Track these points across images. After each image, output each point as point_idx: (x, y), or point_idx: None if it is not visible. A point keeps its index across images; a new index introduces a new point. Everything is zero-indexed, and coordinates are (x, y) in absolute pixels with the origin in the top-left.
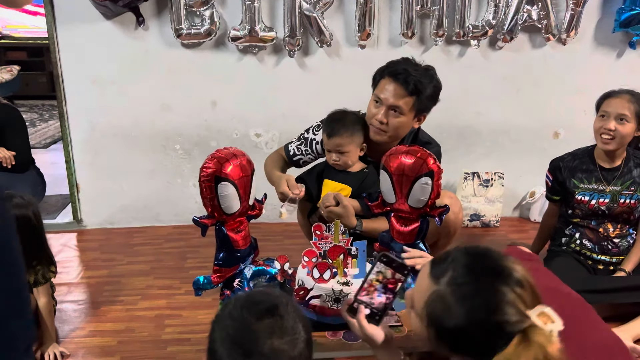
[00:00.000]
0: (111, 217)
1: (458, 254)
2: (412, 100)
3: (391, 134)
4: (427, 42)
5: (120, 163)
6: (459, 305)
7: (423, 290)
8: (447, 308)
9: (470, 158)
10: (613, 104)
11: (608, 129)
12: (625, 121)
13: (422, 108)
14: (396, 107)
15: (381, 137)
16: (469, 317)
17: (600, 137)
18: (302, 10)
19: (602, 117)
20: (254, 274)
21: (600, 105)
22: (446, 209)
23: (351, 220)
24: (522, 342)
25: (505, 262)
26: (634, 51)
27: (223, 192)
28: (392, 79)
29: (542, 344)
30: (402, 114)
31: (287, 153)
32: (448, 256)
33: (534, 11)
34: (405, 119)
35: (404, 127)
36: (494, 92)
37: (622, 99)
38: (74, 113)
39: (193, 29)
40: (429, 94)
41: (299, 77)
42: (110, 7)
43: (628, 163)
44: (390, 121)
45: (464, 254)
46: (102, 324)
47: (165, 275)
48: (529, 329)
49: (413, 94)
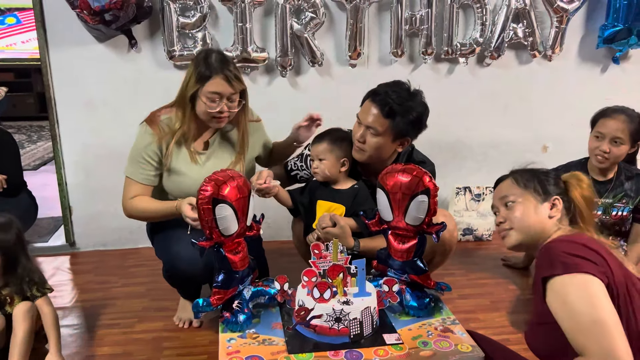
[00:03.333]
0: (104, 238)
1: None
2: (388, 122)
3: (370, 153)
4: (416, 60)
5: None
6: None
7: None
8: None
9: (462, 173)
10: (608, 125)
11: (603, 150)
12: (620, 143)
13: (401, 131)
14: (372, 128)
15: (361, 155)
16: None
17: (595, 156)
18: (293, 31)
19: (596, 137)
20: (253, 295)
21: (596, 124)
22: (443, 226)
23: (349, 241)
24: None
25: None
26: (617, 66)
27: (221, 214)
28: (371, 99)
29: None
30: (378, 135)
31: (286, 168)
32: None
33: (520, 29)
34: (382, 140)
35: (382, 147)
36: (483, 108)
37: (617, 120)
38: (67, 135)
39: (186, 51)
40: (409, 118)
41: (291, 97)
42: (103, 30)
43: (620, 176)
44: (368, 140)
45: None
46: (99, 348)
47: (161, 296)
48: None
49: (388, 117)
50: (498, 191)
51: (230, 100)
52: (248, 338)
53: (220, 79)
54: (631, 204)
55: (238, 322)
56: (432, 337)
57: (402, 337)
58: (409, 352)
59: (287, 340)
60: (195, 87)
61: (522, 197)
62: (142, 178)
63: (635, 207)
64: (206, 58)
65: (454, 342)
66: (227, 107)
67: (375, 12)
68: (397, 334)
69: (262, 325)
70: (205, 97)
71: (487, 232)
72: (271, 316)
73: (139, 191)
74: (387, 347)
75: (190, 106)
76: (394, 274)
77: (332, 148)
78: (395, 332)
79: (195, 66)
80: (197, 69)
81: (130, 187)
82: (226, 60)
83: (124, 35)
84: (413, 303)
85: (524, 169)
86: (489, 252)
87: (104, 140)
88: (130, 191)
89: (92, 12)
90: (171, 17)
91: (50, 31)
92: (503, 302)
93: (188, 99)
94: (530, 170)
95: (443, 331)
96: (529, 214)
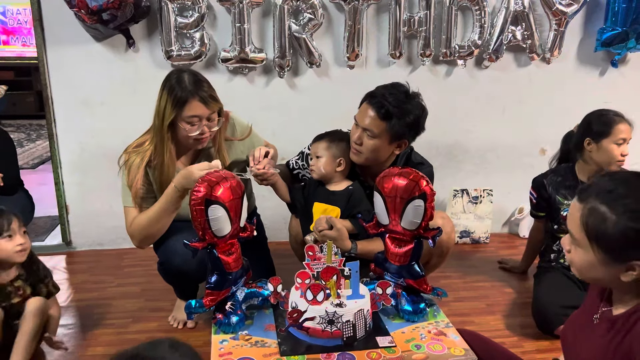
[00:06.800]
0: (100, 238)
1: (596, 179)
2: (384, 124)
3: (367, 155)
4: (414, 62)
5: (110, 184)
6: (613, 209)
7: (575, 216)
8: (603, 217)
9: (459, 175)
10: (623, 129)
11: (625, 155)
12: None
13: (398, 133)
14: (368, 130)
15: (358, 157)
16: (625, 216)
17: (617, 163)
18: (291, 32)
19: (619, 145)
20: (247, 297)
21: (610, 133)
22: (439, 231)
23: (346, 244)
24: None
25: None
26: (615, 69)
27: (214, 214)
28: (368, 102)
29: None
30: (375, 137)
31: (288, 167)
32: (589, 185)
33: (519, 31)
34: (379, 142)
35: (379, 150)
36: (480, 110)
37: (625, 122)
38: (64, 134)
39: (183, 51)
40: (406, 121)
41: (289, 98)
42: (101, 30)
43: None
44: (365, 142)
45: (602, 176)
46: (93, 348)
47: (156, 297)
48: None
49: (385, 119)
50: (626, 129)
51: (210, 120)
52: (240, 340)
53: (197, 102)
54: None
55: (231, 323)
56: (426, 340)
57: (395, 340)
58: (402, 355)
59: (279, 342)
60: (172, 114)
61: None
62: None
63: None
64: (179, 82)
65: (447, 345)
66: (207, 127)
67: (373, 13)
68: (390, 337)
69: (254, 327)
70: (185, 122)
71: (484, 235)
72: (264, 318)
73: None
74: (380, 350)
75: (169, 134)
76: (390, 278)
77: (330, 146)
78: (388, 334)
79: (169, 92)
80: (172, 94)
81: (129, 214)
82: (199, 80)
83: (121, 34)
84: (408, 307)
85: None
86: (485, 255)
87: (101, 140)
88: (130, 217)
89: (90, 12)
90: (169, 16)
91: (48, 30)
92: (499, 305)
93: (167, 128)
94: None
95: (436, 334)
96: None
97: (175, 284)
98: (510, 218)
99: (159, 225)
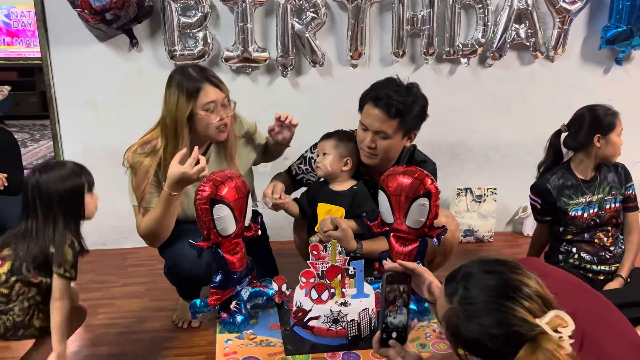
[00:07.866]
0: (103, 238)
1: (468, 270)
2: (397, 122)
3: (382, 156)
4: (417, 61)
5: (113, 184)
6: (471, 322)
7: (441, 307)
8: (460, 324)
9: (463, 174)
10: (620, 123)
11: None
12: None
13: (409, 127)
14: (381, 132)
15: (372, 160)
16: (481, 332)
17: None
18: (294, 31)
19: (619, 136)
20: (251, 296)
21: (612, 129)
22: (444, 229)
23: (351, 244)
24: (532, 349)
25: (514, 276)
26: (620, 67)
27: (219, 214)
28: (373, 104)
29: (551, 350)
30: (388, 137)
31: (290, 173)
32: (459, 272)
33: (522, 29)
34: (393, 141)
35: (393, 148)
36: (484, 109)
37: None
38: (67, 134)
39: (187, 50)
40: (414, 114)
41: (292, 97)
42: (104, 30)
43: (602, 171)
44: (379, 145)
45: (475, 270)
46: (98, 347)
47: (160, 297)
48: (539, 336)
49: (396, 117)
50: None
51: (224, 106)
52: (245, 339)
53: (209, 86)
54: (619, 194)
55: (235, 322)
56: (430, 339)
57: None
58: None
59: (284, 342)
60: (189, 107)
61: None
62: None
63: (623, 197)
64: (185, 75)
65: None
66: (224, 114)
67: (376, 12)
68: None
69: (259, 326)
70: (203, 110)
71: (488, 234)
72: (269, 317)
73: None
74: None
75: (188, 128)
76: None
77: (338, 144)
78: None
79: (178, 87)
80: (182, 87)
81: (139, 214)
82: (203, 68)
83: (124, 34)
84: (412, 306)
85: None
86: (489, 253)
87: (104, 140)
88: (138, 218)
89: (93, 12)
90: (172, 16)
91: (51, 30)
92: None
93: (185, 122)
94: None
95: (441, 333)
96: None
97: (181, 286)
98: (514, 217)
99: (164, 227)
